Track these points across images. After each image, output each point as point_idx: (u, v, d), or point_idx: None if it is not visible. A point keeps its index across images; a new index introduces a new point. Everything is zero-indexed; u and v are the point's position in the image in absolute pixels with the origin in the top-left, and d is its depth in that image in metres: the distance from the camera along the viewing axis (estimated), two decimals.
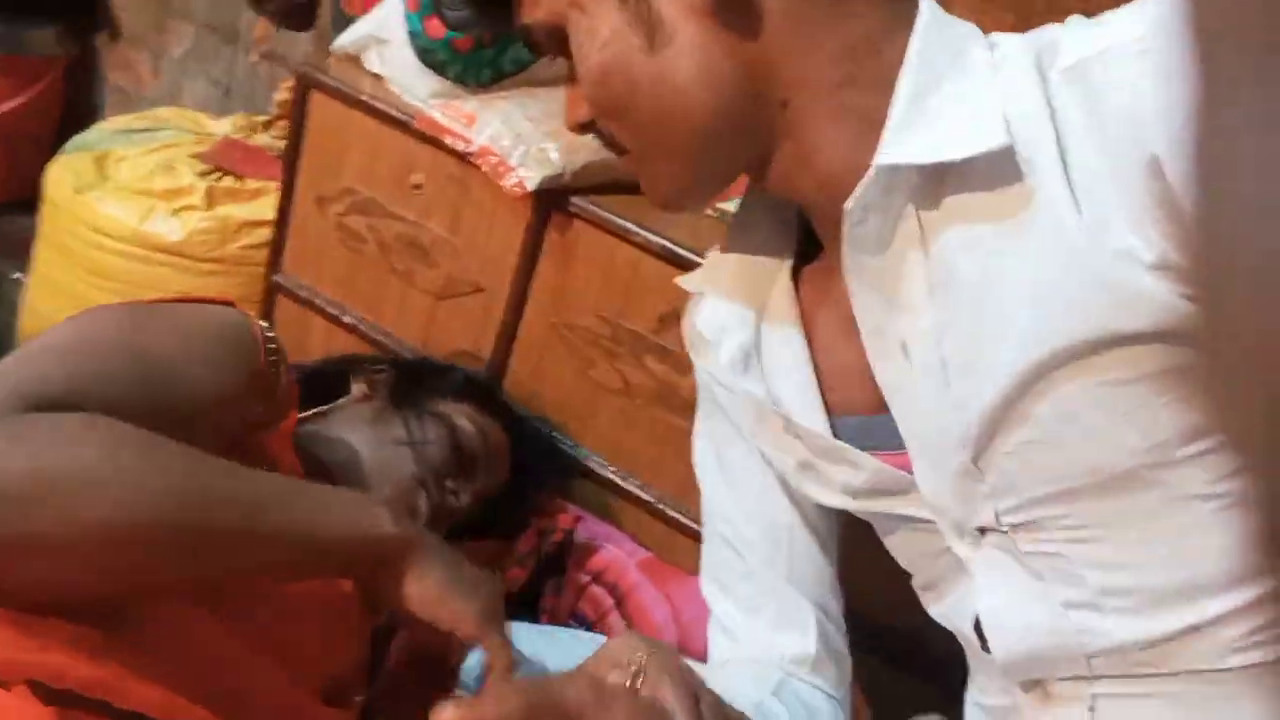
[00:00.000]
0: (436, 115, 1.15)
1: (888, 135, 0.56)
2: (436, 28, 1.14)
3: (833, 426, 0.68)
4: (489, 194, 1.15)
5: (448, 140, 1.14)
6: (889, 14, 0.58)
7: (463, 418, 0.98)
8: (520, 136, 1.10)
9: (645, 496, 1.14)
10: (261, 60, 1.87)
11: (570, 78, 0.65)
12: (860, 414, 0.66)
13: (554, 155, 1.09)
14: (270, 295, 1.40)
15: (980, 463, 0.59)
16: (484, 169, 1.11)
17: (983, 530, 0.62)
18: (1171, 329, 0.51)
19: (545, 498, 1.16)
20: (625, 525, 1.16)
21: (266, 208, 1.43)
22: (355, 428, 0.95)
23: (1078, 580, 0.60)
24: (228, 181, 1.52)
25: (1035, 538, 0.60)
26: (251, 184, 1.52)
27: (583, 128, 0.66)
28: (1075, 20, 0.56)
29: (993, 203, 0.54)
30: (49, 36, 2.19)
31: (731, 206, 1.15)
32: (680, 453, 1.12)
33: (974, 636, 0.67)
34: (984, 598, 0.64)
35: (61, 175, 1.53)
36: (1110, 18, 0.53)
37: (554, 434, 1.18)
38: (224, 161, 1.53)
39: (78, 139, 1.64)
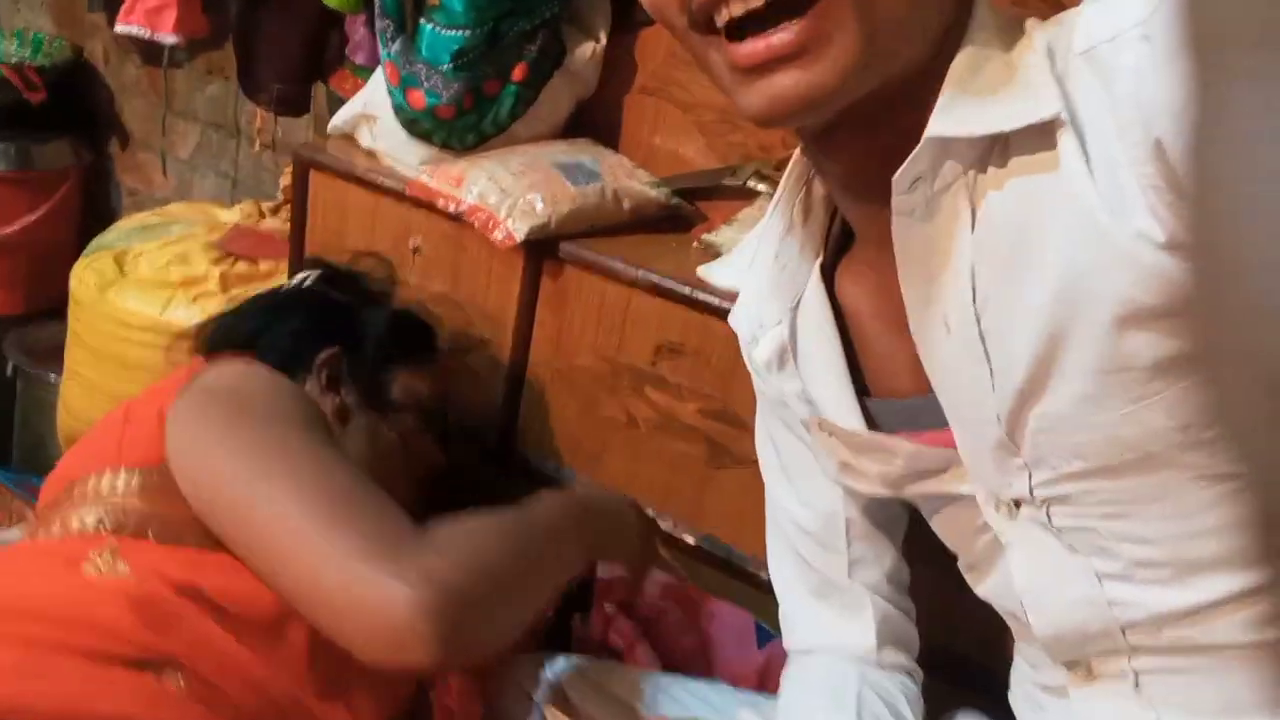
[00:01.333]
0: (427, 180, 1.21)
1: (939, 109, 0.56)
2: (419, 99, 1.20)
3: (876, 412, 0.69)
4: (484, 250, 1.21)
5: (439, 203, 1.20)
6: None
7: (421, 386, 1.08)
8: (505, 191, 1.16)
9: (661, 523, 1.18)
10: (263, 150, 1.95)
11: None
12: (905, 397, 0.67)
13: (539, 206, 1.14)
14: None
15: (1014, 436, 0.60)
16: (475, 226, 1.16)
17: (1018, 503, 0.63)
18: (1187, 307, 0.51)
19: None
20: None
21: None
22: (355, 456, 0.96)
23: (1110, 552, 0.61)
24: (241, 266, 1.59)
25: (1067, 511, 0.61)
26: (263, 266, 1.59)
27: None
28: (1090, 3, 0.57)
29: (1028, 165, 0.55)
30: (62, 148, 2.29)
31: (715, 238, 1.20)
32: (689, 478, 1.16)
33: (1019, 612, 0.68)
34: (1021, 572, 0.66)
35: (85, 276, 1.61)
36: (1113, 5, 0.54)
37: (569, 474, 1.23)
38: (236, 248, 1.61)
39: (98, 240, 1.72)
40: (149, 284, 1.54)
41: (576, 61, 1.30)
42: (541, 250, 1.18)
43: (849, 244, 0.70)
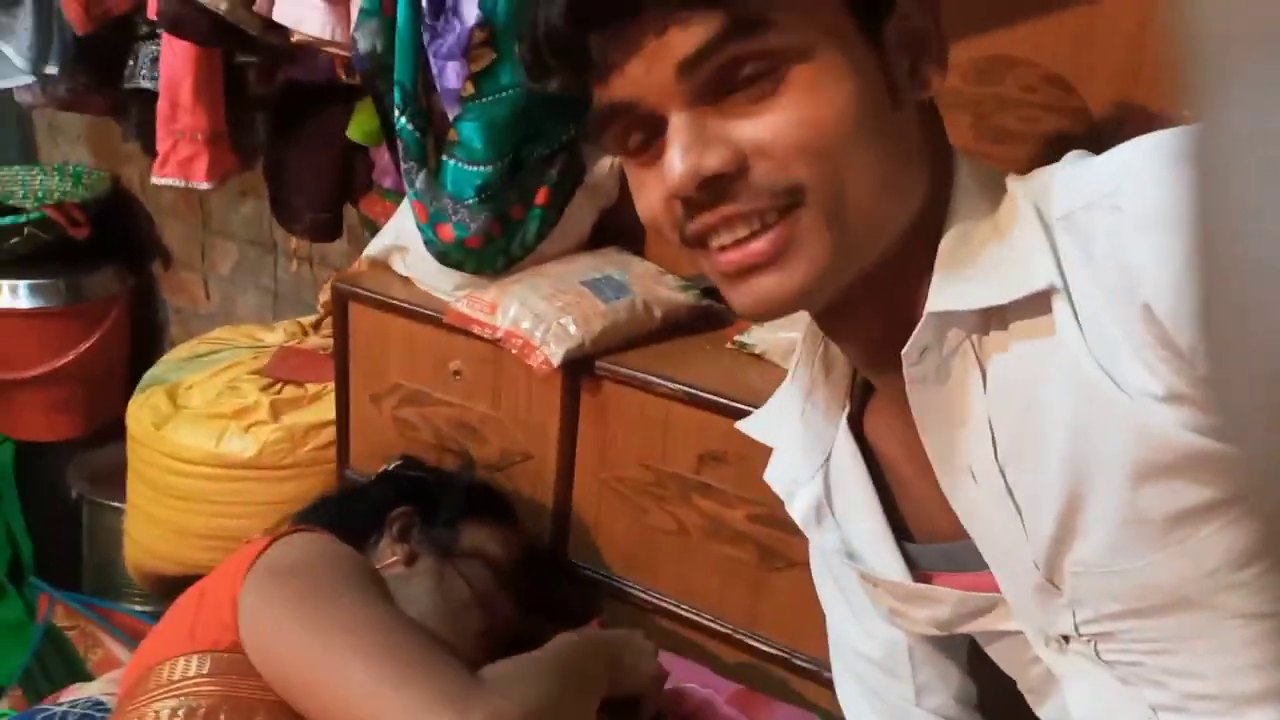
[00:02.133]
0: (463, 308, 1.25)
1: (936, 283, 0.58)
2: (448, 233, 1.24)
3: (918, 556, 0.70)
4: (522, 370, 1.24)
5: (475, 329, 1.23)
6: (937, 166, 0.61)
7: (492, 543, 1.12)
8: (539, 316, 1.19)
9: (718, 628, 1.19)
10: (301, 264, 2.02)
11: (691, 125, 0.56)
12: (947, 540, 0.67)
13: (572, 329, 1.17)
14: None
15: (1053, 579, 0.61)
16: (513, 352, 1.19)
17: (1066, 638, 0.64)
18: (1196, 460, 0.52)
19: None
20: (705, 659, 1.20)
21: (328, 408, 1.53)
22: (422, 601, 1.04)
23: (1161, 685, 0.61)
24: (289, 391, 1.63)
25: (1114, 647, 0.62)
26: (311, 388, 1.64)
27: (704, 183, 0.56)
28: (1064, 165, 0.60)
29: (1029, 330, 0.57)
30: (108, 276, 2.38)
31: (748, 339, 1.22)
32: (742, 582, 1.17)
33: None
34: (1077, 703, 0.66)
35: (140, 413, 1.67)
36: (1092, 165, 0.57)
37: (622, 583, 1.24)
38: (282, 373, 1.66)
39: (150, 374, 1.78)
40: (202, 417, 1.59)
41: (596, 177, 1.33)
42: (579, 369, 1.20)
43: (872, 391, 0.71)
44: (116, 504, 1.93)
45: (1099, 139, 0.95)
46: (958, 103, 1.15)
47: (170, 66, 1.45)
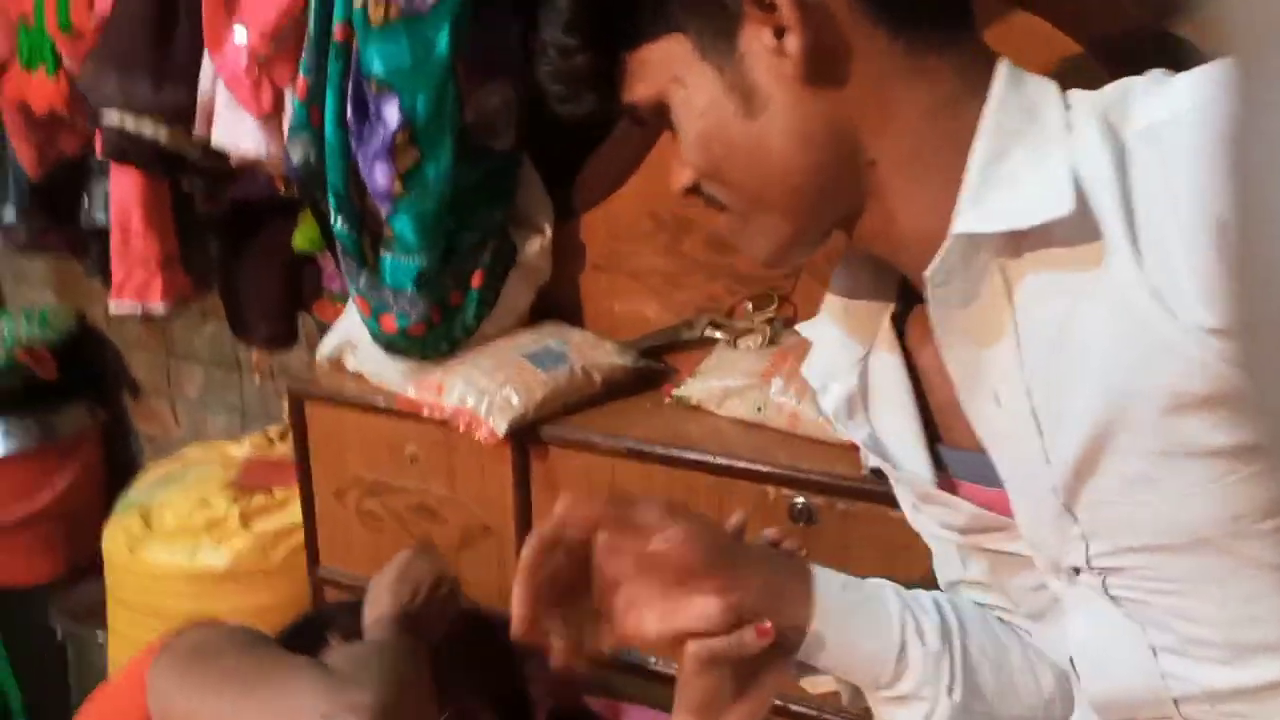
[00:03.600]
0: (412, 393, 1.31)
1: (962, 203, 0.57)
2: (390, 323, 1.31)
3: (949, 459, 0.70)
4: (473, 447, 1.29)
5: (425, 411, 1.28)
6: (967, 77, 0.60)
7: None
8: (482, 391, 1.24)
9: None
10: (264, 379, 2.07)
11: (674, 146, 0.68)
12: (970, 449, 0.67)
13: (514, 400, 1.23)
14: (317, 590, 1.52)
15: (1071, 507, 0.60)
16: (461, 429, 1.25)
17: (1076, 570, 0.63)
18: (1238, 398, 0.51)
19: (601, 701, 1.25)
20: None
21: (296, 511, 1.57)
22: None
23: (1165, 627, 0.61)
24: (258, 499, 1.67)
25: (1123, 583, 0.61)
26: (279, 494, 1.68)
27: (686, 192, 0.68)
28: (1146, 79, 0.57)
29: (1069, 258, 0.55)
30: (78, 412, 2.42)
31: (684, 391, 1.28)
32: None
33: (1072, 670, 0.69)
34: (1078, 633, 0.66)
35: (115, 537, 1.70)
36: (1176, 81, 0.55)
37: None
38: (251, 482, 1.70)
39: (124, 499, 1.81)
40: (175, 534, 1.63)
41: (528, 256, 1.41)
42: (525, 438, 1.26)
43: (918, 297, 0.70)
44: (100, 637, 1.94)
45: None
46: None
47: (120, 197, 1.52)
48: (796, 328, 0.80)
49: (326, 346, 1.46)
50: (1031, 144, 0.57)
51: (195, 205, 1.56)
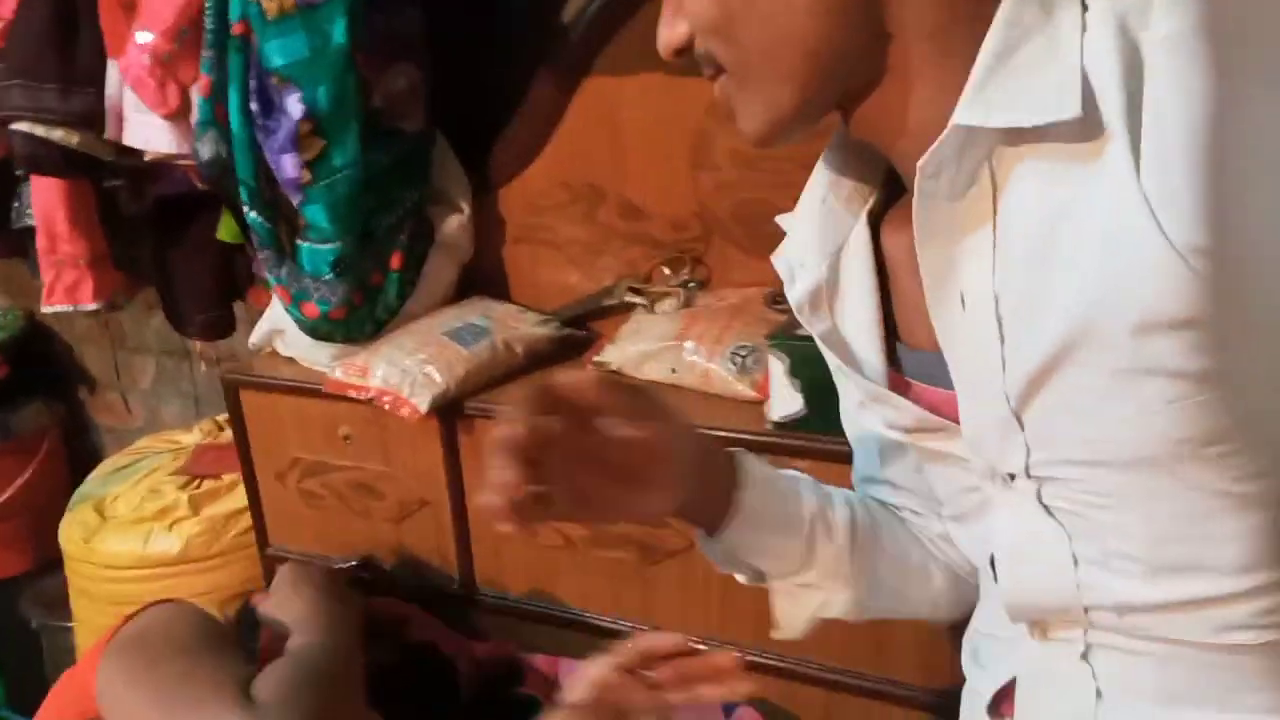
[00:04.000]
0: (339, 376, 1.34)
1: (966, 94, 0.56)
2: (312, 310, 1.34)
3: (903, 357, 0.70)
4: (403, 424, 1.33)
5: (352, 394, 1.32)
6: None
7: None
8: (405, 371, 1.28)
9: (619, 627, 1.28)
10: (211, 366, 2.10)
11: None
12: (928, 350, 0.67)
13: (437, 377, 1.27)
14: (270, 567, 1.57)
15: (1020, 414, 0.60)
16: (387, 408, 1.29)
17: (1012, 475, 0.64)
18: (1209, 321, 0.51)
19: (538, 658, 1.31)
20: None
21: (244, 495, 1.61)
22: None
23: (1091, 538, 0.62)
24: (207, 484, 1.71)
25: (1059, 492, 0.62)
26: (228, 478, 1.72)
27: (677, 52, 0.64)
28: None
29: (1065, 155, 0.54)
30: (37, 409, 2.44)
31: (604, 358, 1.32)
32: (630, 581, 1.26)
33: (989, 570, 0.70)
34: (1003, 535, 0.67)
35: (70, 530, 1.74)
36: None
37: (530, 603, 1.33)
38: (199, 469, 1.74)
39: (78, 493, 1.85)
40: (127, 523, 1.67)
41: (447, 234, 1.44)
42: (450, 413, 1.30)
43: (898, 196, 0.71)
44: (72, 624, 1.98)
45: None
46: None
47: (42, 201, 1.54)
48: (777, 219, 0.78)
49: (256, 335, 1.49)
50: (1044, 41, 0.55)
51: (120, 204, 1.58)
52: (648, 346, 1.29)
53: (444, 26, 1.43)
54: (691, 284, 1.39)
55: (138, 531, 1.65)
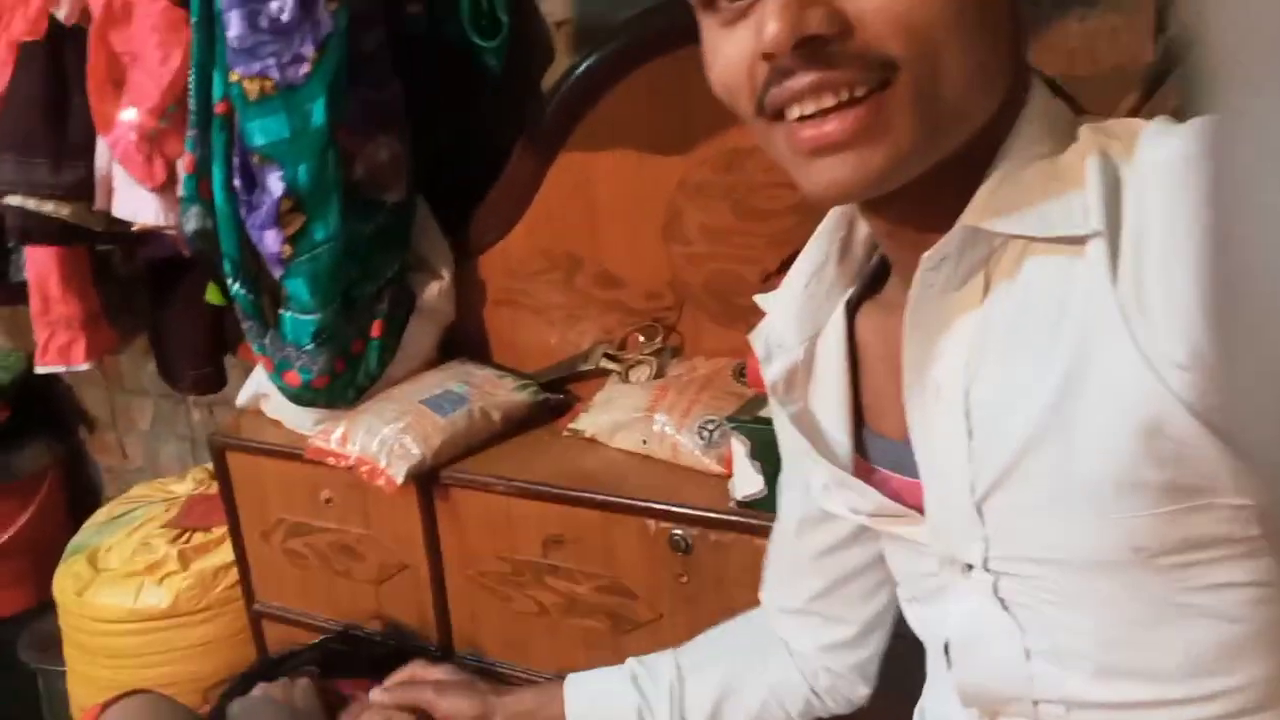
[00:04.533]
0: (319, 443, 1.37)
1: (978, 197, 0.58)
2: (294, 378, 1.37)
3: (869, 443, 0.72)
4: (382, 490, 1.36)
5: (331, 461, 1.35)
6: (1020, 76, 0.60)
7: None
8: (383, 440, 1.31)
9: None
10: (206, 411, 2.14)
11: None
12: (894, 439, 0.69)
13: (413, 448, 1.30)
14: (256, 623, 1.60)
15: (981, 508, 0.62)
16: (364, 477, 1.32)
17: (970, 566, 0.65)
18: (1184, 441, 0.52)
19: None
20: None
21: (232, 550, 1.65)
22: None
23: (1044, 633, 0.63)
24: (197, 538, 1.75)
25: (1015, 587, 0.63)
26: (217, 531, 1.75)
27: (800, 42, 0.54)
28: (1153, 124, 0.58)
29: (1050, 273, 0.57)
30: (37, 450, 2.48)
31: (578, 425, 1.35)
32: (602, 649, 1.29)
33: (942, 656, 0.72)
34: (957, 623, 0.69)
35: (64, 582, 1.77)
36: (1179, 129, 0.55)
37: (506, 666, 1.36)
38: (190, 521, 1.77)
39: (72, 543, 1.88)
40: (119, 577, 1.70)
41: (428, 301, 1.47)
42: (427, 481, 1.33)
43: (879, 286, 0.73)
44: (62, 669, 2.02)
45: None
46: (716, 192, 1.30)
47: (36, 265, 1.58)
48: (755, 299, 0.80)
49: (243, 396, 1.53)
50: (1049, 158, 0.58)
51: (113, 266, 1.62)
52: (621, 416, 1.32)
53: (425, 97, 1.47)
54: (665, 351, 1.42)
55: (129, 586, 1.68)
